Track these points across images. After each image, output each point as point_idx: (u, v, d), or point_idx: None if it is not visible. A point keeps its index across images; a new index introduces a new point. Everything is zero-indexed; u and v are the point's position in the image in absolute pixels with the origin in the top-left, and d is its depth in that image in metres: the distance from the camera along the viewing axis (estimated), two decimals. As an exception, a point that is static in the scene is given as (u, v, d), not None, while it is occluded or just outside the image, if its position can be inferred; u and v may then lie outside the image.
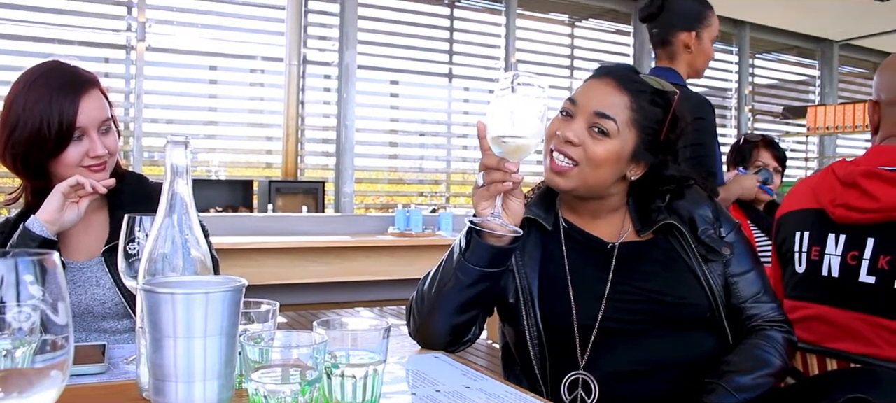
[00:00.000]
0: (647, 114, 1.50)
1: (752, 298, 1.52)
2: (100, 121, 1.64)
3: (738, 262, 1.53)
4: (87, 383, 1.17)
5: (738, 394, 1.35)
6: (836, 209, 1.71)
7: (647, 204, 1.56)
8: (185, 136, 1.03)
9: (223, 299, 0.88)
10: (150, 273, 1.01)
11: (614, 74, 1.52)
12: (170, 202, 1.02)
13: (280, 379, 0.90)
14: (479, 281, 1.38)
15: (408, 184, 7.62)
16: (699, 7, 2.74)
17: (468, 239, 1.36)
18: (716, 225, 1.55)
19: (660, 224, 1.52)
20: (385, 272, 5.14)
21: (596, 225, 1.57)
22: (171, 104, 6.49)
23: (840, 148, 10.27)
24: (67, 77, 1.63)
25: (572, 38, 8.27)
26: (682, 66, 2.75)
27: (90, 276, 1.66)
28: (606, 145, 1.46)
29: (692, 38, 2.71)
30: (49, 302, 0.62)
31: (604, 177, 1.49)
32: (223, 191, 6.28)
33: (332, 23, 6.96)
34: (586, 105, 1.47)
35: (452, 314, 1.42)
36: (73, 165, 1.62)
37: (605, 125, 1.46)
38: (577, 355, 1.45)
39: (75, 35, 5.92)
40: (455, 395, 1.14)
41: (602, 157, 1.46)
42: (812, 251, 1.75)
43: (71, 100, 1.59)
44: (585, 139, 1.46)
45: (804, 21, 9.12)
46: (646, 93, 1.50)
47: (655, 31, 2.79)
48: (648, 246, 1.53)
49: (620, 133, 1.47)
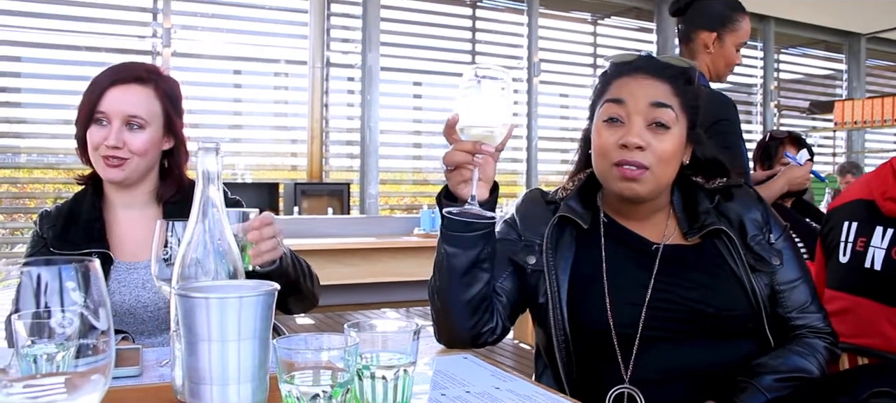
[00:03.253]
0: (687, 94, 1.46)
1: (798, 308, 1.47)
2: (127, 114, 1.66)
3: (787, 271, 1.47)
4: (123, 386, 1.19)
5: (768, 394, 1.33)
6: (886, 202, 1.69)
7: (694, 205, 1.50)
8: (217, 142, 1.04)
9: (256, 303, 0.89)
10: (183, 277, 1.02)
11: (647, 68, 1.46)
12: (202, 207, 1.04)
13: (312, 381, 0.92)
14: (468, 248, 1.39)
15: (432, 185, 7.62)
16: (726, 10, 2.69)
17: (443, 215, 1.39)
18: (765, 229, 1.49)
19: (708, 229, 1.46)
20: (411, 273, 5.15)
21: (641, 224, 1.52)
22: (197, 108, 6.55)
23: (868, 143, 10.14)
24: (120, 66, 1.72)
25: (595, 35, 8.24)
26: (701, 66, 2.69)
27: (137, 278, 1.69)
28: (671, 139, 1.42)
29: (712, 39, 2.67)
30: (91, 308, 0.64)
31: (672, 172, 1.45)
32: (249, 194, 6.27)
33: (354, 25, 6.99)
34: (636, 102, 1.42)
35: (458, 290, 1.41)
36: (93, 150, 1.66)
37: (663, 117, 1.41)
38: (619, 364, 1.42)
39: (102, 42, 6.00)
40: (485, 396, 1.15)
41: (670, 152, 1.42)
42: (858, 241, 1.73)
43: (104, 85, 1.66)
44: (650, 140, 1.40)
45: (830, 14, 9.02)
46: (678, 75, 1.47)
47: (680, 27, 2.77)
48: (694, 251, 1.47)
49: (678, 121, 1.43)
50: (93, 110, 1.65)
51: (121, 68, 1.71)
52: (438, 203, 1.41)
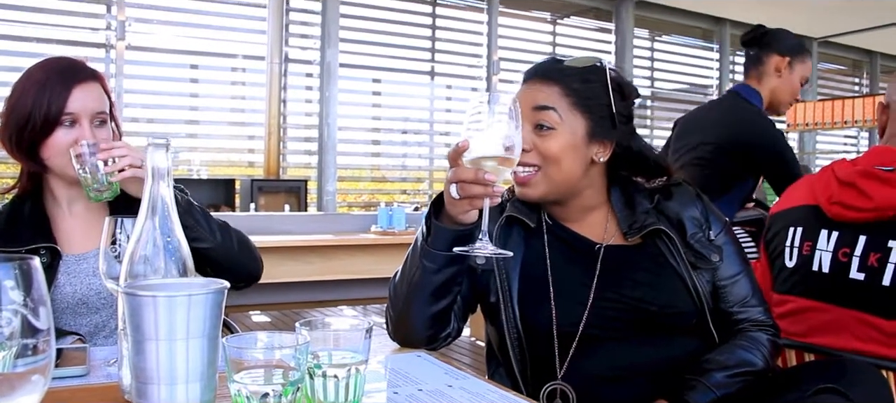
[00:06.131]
0: (585, 93, 1.48)
1: (740, 302, 1.50)
2: (94, 111, 1.67)
3: (728, 266, 1.50)
4: (69, 385, 1.16)
5: (717, 390, 1.35)
6: (831, 206, 1.72)
7: (633, 205, 1.53)
8: (167, 138, 1.03)
9: (205, 301, 0.88)
10: (131, 275, 1.01)
11: (538, 73, 1.52)
12: (151, 204, 1.02)
13: (263, 380, 0.91)
14: (445, 266, 1.36)
15: (390, 182, 7.61)
16: (798, 43, 3.01)
17: (428, 226, 1.36)
18: (705, 226, 1.52)
19: (648, 229, 1.49)
20: (368, 270, 5.13)
21: (581, 223, 1.54)
22: (152, 103, 6.45)
23: (819, 144, 10.36)
24: (67, 66, 1.69)
25: (554, 35, 8.30)
26: (765, 90, 3.00)
27: (87, 267, 1.68)
28: (555, 138, 1.45)
29: (784, 64, 2.97)
30: (30, 307, 0.63)
31: (569, 171, 1.47)
32: (205, 191, 6.24)
33: (313, 21, 6.94)
34: (525, 111, 1.45)
35: (426, 304, 1.40)
36: (63, 152, 1.64)
37: (545, 119, 1.45)
38: (556, 362, 1.44)
39: (54, 34, 5.87)
40: (437, 394, 1.15)
41: (556, 150, 1.45)
42: (804, 246, 1.76)
43: (65, 85, 1.64)
44: (534, 140, 1.45)
45: (783, 18, 9.13)
46: (574, 75, 1.49)
47: (752, 54, 3.04)
48: (635, 251, 1.50)
49: (564, 120, 1.46)
50: (60, 113, 1.62)
51: (74, 67, 1.69)
52: (428, 217, 1.37)
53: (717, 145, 2.92)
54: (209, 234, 1.66)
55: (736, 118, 2.97)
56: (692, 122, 3.16)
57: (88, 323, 1.67)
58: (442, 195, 1.34)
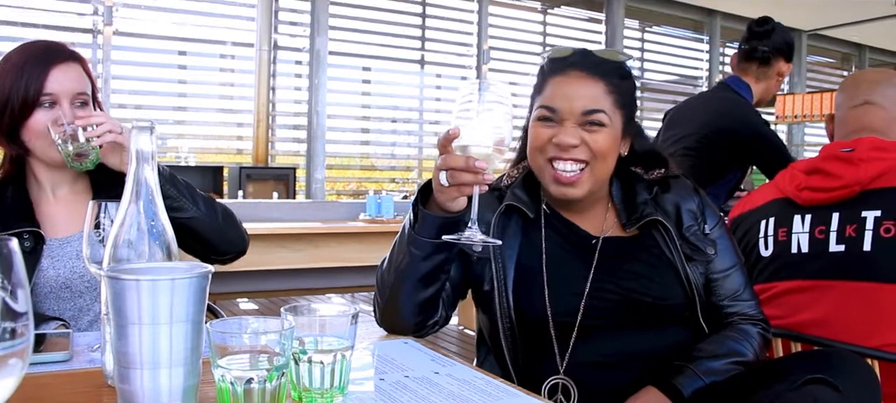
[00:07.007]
0: (623, 90, 1.49)
1: (731, 296, 1.51)
2: (73, 92, 1.65)
3: (721, 260, 1.51)
4: (52, 371, 1.15)
5: (706, 378, 1.37)
6: (801, 193, 1.80)
7: (632, 196, 1.53)
8: (151, 122, 1.01)
9: (189, 285, 0.87)
10: (115, 259, 1.00)
11: (579, 65, 1.48)
12: (135, 188, 1.01)
13: (248, 365, 0.90)
14: (433, 253, 1.35)
15: (379, 171, 7.59)
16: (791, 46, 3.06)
17: (415, 213, 1.35)
18: (700, 219, 1.52)
19: (646, 219, 1.49)
20: (356, 258, 5.13)
21: (581, 216, 1.54)
22: (140, 89, 6.39)
23: (808, 136, 10.39)
24: (44, 47, 1.68)
25: (545, 24, 8.27)
26: (759, 87, 3.05)
27: (71, 250, 1.67)
28: (605, 135, 1.44)
29: (788, 70, 3.06)
30: (8, 290, 0.61)
31: (610, 167, 1.49)
32: (193, 177, 6.12)
33: (303, 8, 6.89)
34: (569, 107, 1.43)
35: (413, 291, 1.40)
36: (44, 134, 1.62)
37: (597, 119, 1.44)
38: (555, 354, 1.44)
39: (40, 18, 5.80)
40: (424, 381, 1.14)
41: (606, 147, 1.45)
42: (779, 233, 1.82)
43: (42, 67, 1.63)
44: (584, 136, 1.43)
45: (774, 11, 9.16)
46: (613, 71, 1.48)
47: (761, 49, 3.02)
48: (633, 241, 1.51)
49: (611, 119, 1.45)
50: (38, 94, 1.62)
51: (52, 48, 1.68)
52: (416, 204, 1.36)
53: (704, 135, 2.95)
54: (191, 204, 1.67)
55: (722, 108, 3.00)
56: (681, 113, 3.18)
57: (72, 307, 1.66)
58: (429, 182, 1.33)
